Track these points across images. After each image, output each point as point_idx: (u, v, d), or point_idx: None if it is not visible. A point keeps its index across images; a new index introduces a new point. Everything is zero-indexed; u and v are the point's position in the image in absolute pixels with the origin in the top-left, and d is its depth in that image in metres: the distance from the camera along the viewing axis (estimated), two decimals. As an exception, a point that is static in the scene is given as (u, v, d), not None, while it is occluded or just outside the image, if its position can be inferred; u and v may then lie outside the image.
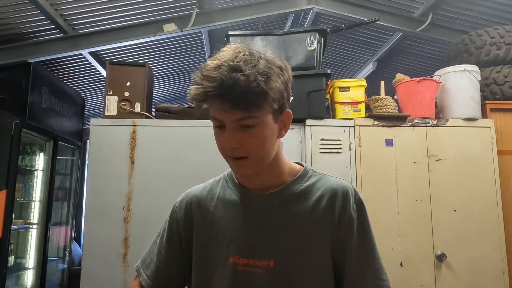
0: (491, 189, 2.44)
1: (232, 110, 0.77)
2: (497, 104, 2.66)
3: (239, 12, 3.36)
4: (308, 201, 0.88)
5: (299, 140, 2.41)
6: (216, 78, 0.75)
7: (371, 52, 4.35)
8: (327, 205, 0.86)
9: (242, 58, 0.77)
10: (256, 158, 0.82)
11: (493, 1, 3.14)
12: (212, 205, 0.93)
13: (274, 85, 0.78)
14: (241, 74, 0.74)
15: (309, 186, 0.90)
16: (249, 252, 0.85)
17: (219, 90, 0.75)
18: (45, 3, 2.87)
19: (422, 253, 2.33)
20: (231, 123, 0.79)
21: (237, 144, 0.79)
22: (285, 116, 0.86)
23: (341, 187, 0.89)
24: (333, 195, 0.87)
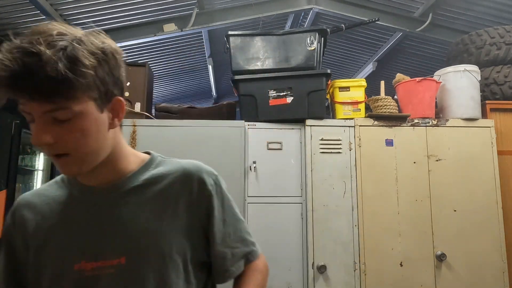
0: (491, 189, 2.44)
1: (35, 102, 0.66)
2: (497, 104, 2.65)
3: (239, 12, 3.37)
4: (157, 186, 0.82)
5: (299, 140, 2.42)
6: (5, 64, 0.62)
7: (371, 52, 4.35)
8: (181, 188, 0.82)
9: (46, 40, 0.64)
10: (79, 155, 0.72)
11: (493, 1, 3.15)
12: (46, 211, 0.82)
13: (86, 70, 0.66)
14: (36, 59, 0.62)
15: (157, 173, 0.84)
16: (97, 254, 0.76)
17: (9, 79, 0.63)
18: (45, 3, 2.88)
19: (422, 253, 2.33)
20: (40, 116, 0.68)
21: (50, 140, 0.68)
22: (116, 105, 0.76)
23: (195, 167, 0.87)
24: (186, 177, 0.84)
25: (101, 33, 0.75)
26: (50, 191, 0.86)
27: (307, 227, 2.28)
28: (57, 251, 0.78)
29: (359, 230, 2.32)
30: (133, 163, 0.84)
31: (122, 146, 0.83)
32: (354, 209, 2.34)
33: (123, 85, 0.79)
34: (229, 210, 0.89)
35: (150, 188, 0.82)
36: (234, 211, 0.91)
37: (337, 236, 2.30)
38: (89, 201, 0.80)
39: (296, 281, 2.25)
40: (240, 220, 0.92)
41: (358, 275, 2.27)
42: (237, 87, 2.48)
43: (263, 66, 2.50)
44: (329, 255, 2.27)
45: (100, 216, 0.79)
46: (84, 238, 0.77)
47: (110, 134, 0.77)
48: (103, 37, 0.75)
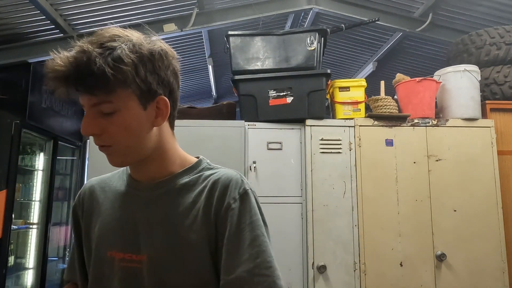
0: (491, 189, 2.44)
1: (84, 95, 0.73)
2: (497, 104, 2.65)
3: (239, 12, 3.37)
4: (191, 193, 0.82)
5: (299, 140, 2.42)
6: (63, 60, 0.70)
7: (371, 52, 4.35)
8: (206, 197, 0.80)
9: (99, 41, 0.72)
10: (121, 147, 0.77)
11: (493, 1, 3.14)
12: (101, 197, 0.89)
13: (125, 67, 0.71)
14: (84, 56, 0.69)
15: (196, 178, 0.84)
16: (128, 246, 0.80)
17: (63, 73, 0.70)
18: (45, 3, 2.87)
19: (422, 253, 2.33)
20: (90, 108, 0.74)
21: (96, 131, 0.75)
22: (160, 103, 0.79)
23: (225, 177, 0.82)
24: (214, 186, 0.81)
25: (158, 39, 0.81)
26: (111, 179, 0.92)
27: (307, 227, 2.28)
28: (98, 236, 0.84)
29: (359, 230, 2.32)
30: (177, 165, 0.86)
31: (169, 146, 0.85)
32: (354, 209, 2.34)
33: (172, 86, 0.82)
34: (253, 228, 0.77)
35: (184, 193, 0.82)
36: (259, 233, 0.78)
37: (337, 236, 2.30)
38: (132, 195, 0.85)
39: (296, 281, 2.25)
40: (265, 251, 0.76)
41: (358, 275, 2.27)
42: (237, 87, 2.48)
43: (263, 66, 2.50)
44: (329, 255, 2.27)
45: (136, 211, 0.83)
46: (119, 229, 0.82)
47: (154, 132, 0.80)
48: (157, 41, 0.80)
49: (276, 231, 2.28)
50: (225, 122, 2.37)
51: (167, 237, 0.78)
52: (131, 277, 0.78)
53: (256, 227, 0.78)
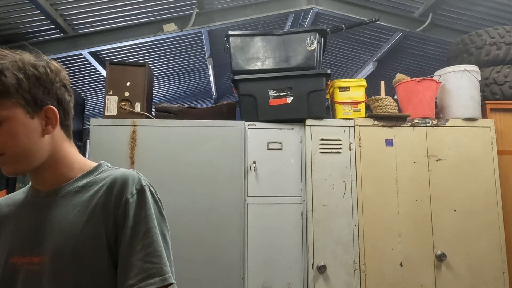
0: (491, 189, 2.44)
1: None
2: (497, 104, 2.65)
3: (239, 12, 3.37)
4: (88, 192, 0.86)
5: (299, 140, 2.42)
6: None
7: (371, 52, 4.35)
8: (104, 194, 0.85)
9: None
10: (11, 155, 0.81)
11: (493, 1, 3.15)
12: (7, 211, 0.92)
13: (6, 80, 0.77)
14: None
15: (94, 179, 0.89)
16: (27, 250, 0.84)
17: None
18: (45, 3, 2.88)
19: (422, 253, 2.33)
20: None
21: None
22: (49, 113, 0.84)
23: (123, 175, 0.87)
24: (112, 183, 0.86)
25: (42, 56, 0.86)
26: (16, 195, 0.96)
27: (307, 227, 2.28)
28: (4, 245, 0.87)
29: (359, 230, 2.32)
30: (76, 170, 0.90)
31: (65, 153, 0.90)
32: (354, 209, 2.34)
33: (60, 96, 0.87)
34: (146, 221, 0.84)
35: (82, 193, 0.87)
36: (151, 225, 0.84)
37: (337, 236, 2.30)
38: (33, 203, 0.89)
39: (296, 281, 2.25)
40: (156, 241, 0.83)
41: (358, 275, 2.27)
42: (237, 87, 2.48)
43: (263, 66, 2.50)
44: (329, 255, 2.27)
45: (35, 217, 0.87)
46: (21, 235, 0.86)
47: (46, 140, 0.85)
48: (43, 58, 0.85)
49: (276, 231, 2.28)
50: (225, 122, 2.37)
51: (64, 235, 0.83)
52: (33, 279, 0.82)
53: (150, 220, 0.84)
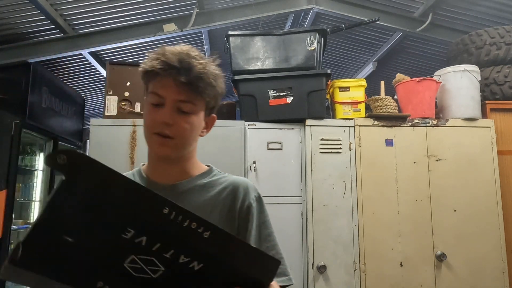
0: (491, 189, 2.44)
1: (179, 89, 0.84)
2: (497, 104, 2.65)
3: (239, 12, 3.37)
4: (209, 193, 0.93)
5: (299, 140, 2.41)
6: (176, 56, 0.83)
7: (371, 52, 4.35)
8: (229, 195, 0.93)
9: (198, 54, 0.87)
10: (179, 142, 0.88)
11: (493, 1, 3.14)
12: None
13: (218, 87, 0.89)
14: (198, 62, 0.85)
15: (213, 181, 0.96)
16: None
17: (177, 66, 0.83)
18: (45, 3, 2.88)
19: (422, 253, 2.33)
20: (172, 102, 0.86)
21: (171, 122, 0.85)
22: (211, 120, 0.96)
23: (243, 182, 0.97)
24: (235, 187, 0.94)
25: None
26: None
27: (307, 227, 2.28)
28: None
29: (359, 230, 2.32)
30: (196, 169, 0.97)
31: (195, 153, 0.98)
32: (354, 209, 2.34)
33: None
34: (267, 226, 0.95)
35: (203, 193, 0.93)
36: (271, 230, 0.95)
37: (337, 236, 2.30)
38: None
39: (296, 281, 2.25)
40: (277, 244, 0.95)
41: (358, 275, 2.27)
42: (237, 87, 2.48)
43: (263, 66, 2.50)
44: (329, 255, 2.27)
45: None
46: None
47: (197, 139, 0.94)
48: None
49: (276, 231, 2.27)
50: (225, 122, 2.37)
51: None
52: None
53: (269, 224, 0.95)
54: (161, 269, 0.61)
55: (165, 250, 0.61)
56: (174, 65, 0.83)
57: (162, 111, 0.85)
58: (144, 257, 0.60)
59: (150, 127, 0.87)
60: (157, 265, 0.61)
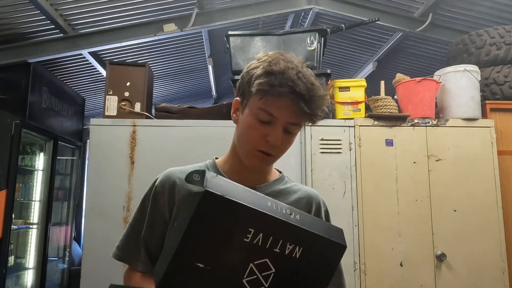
0: (491, 189, 2.44)
1: (295, 113, 0.84)
2: (497, 104, 2.66)
3: (239, 12, 3.37)
4: (287, 199, 0.97)
5: (299, 140, 2.41)
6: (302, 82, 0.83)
7: (371, 52, 4.35)
8: (305, 205, 0.99)
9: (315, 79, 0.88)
10: (277, 158, 0.92)
11: (493, 1, 3.14)
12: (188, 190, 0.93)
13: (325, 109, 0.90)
14: (319, 89, 0.86)
15: (287, 188, 1.01)
16: None
17: (304, 94, 0.82)
18: (45, 3, 2.87)
19: (422, 253, 2.33)
20: (284, 124, 0.86)
21: (280, 142, 0.87)
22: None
23: (316, 194, 1.04)
24: (310, 199, 1.01)
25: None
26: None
27: (307, 227, 2.28)
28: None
29: (359, 230, 2.32)
30: (271, 174, 1.01)
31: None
32: (354, 209, 2.34)
33: None
34: None
35: (281, 199, 0.94)
36: None
37: (337, 236, 2.29)
38: None
39: (296, 281, 2.25)
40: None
41: (358, 275, 2.27)
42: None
43: (263, 66, 2.49)
44: (329, 255, 2.27)
45: None
46: None
47: None
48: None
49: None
50: (225, 122, 2.37)
51: None
52: None
53: None
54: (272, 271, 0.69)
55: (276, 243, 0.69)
56: (301, 92, 0.82)
57: (271, 131, 0.85)
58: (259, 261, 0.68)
59: (254, 143, 0.88)
60: (270, 267, 0.69)
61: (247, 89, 0.89)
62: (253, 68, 0.89)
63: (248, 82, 0.88)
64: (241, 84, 0.92)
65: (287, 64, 0.85)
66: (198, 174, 0.67)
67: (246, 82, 0.89)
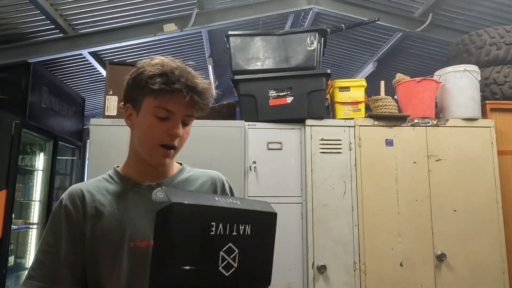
0: (491, 189, 2.44)
1: (188, 105, 0.92)
2: (497, 104, 2.65)
3: (239, 12, 3.37)
4: (193, 186, 1.05)
5: (299, 140, 2.42)
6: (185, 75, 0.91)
7: (371, 52, 4.35)
8: (210, 187, 1.08)
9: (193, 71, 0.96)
10: (178, 151, 0.99)
11: (493, 1, 3.15)
12: (102, 199, 0.97)
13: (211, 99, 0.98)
14: (205, 82, 0.95)
15: (191, 176, 1.08)
16: (149, 235, 0.90)
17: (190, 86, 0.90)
18: (45, 3, 2.88)
19: (422, 253, 2.33)
20: (181, 117, 0.94)
21: (180, 134, 0.94)
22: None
23: (217, 175, 1.12)
24: (214, 180, 1.09)
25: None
26: (102, 183, 1.02)
27: (307, 227, 2.28)
28: (114, 231, 0.94)
29: (359, 230, 2.32)
30: (172, 168, 1.06)
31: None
32: (354, 209, 2.34)
33: None
34: None
35: (188, 186, 1.05)
36: None
37: (337, 236, 2.30)
38: (140, 194, 0.99)
39: (296, 281, 2.25)
40: None
41: (358, 275, 2.27)
42: (237, 87, 2.48)
43: (263, 66, 2.50)
44: (329, 255, 2.27)
45: (143, 206, 0.97)
46: (137, 222, 0.95)
47: None
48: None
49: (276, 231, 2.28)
50: (225, 122, 2.37)
51: None
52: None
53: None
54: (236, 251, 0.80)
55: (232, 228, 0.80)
56: (193, 86, 0.91)
57: (171, 125, 0.93)
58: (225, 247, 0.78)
59: (156, 139, 0.93)
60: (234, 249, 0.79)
61: (137, 92, 0.94)
62: (140, 74, 0.93)
63: (138, 86, 0.93)
64: (129, 90, 0.97)
65: (173, 64, 0.93)
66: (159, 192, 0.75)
67: (135, 87, 0.94)
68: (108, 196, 0.98)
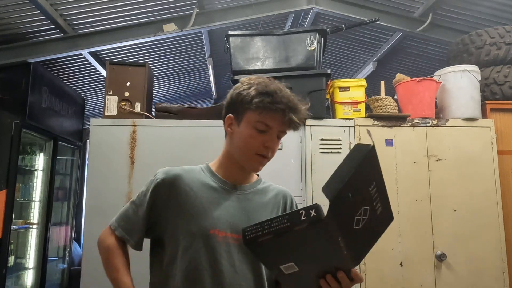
0: (491, 189, 2.44)
1: (285, 125, 1.08)
2: (497, 104, 2.66)
3: (239, 12, 3.37)
4: (267, 196, 1.19)
5: (299, 140, 2.41)
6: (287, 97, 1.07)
7: (371, 52, 4.35)
8: (281, 199, 1.21)
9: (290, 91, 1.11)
10: (269, 160, 1.13)
11: (493, 1, 3.14)
12: (193, 185, 1.11)
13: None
14: (303, 103, 1.11)
15: (266, 187, 1.22)
16: (227, 227, 1.07)
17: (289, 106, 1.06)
18: (45, 3, 2.87)
19: (422, 253, 2.33)
20: (277, 132, 1.09)
21: (276, 146, 1.11)
22: None
23: (287, 191, 1.26)
24: (284, 195, 1.23)
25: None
26: (195, 172, 1.16)
27: (307, 227, 2.28)
28: (198, 215, 1.07)
29: (359, 230, 2.31)
30: (252, 176, 1.21)
31: None
32: (354, 209, 2.33)
33: None
34: None
35: (263, 195, 1.18)
36: None
37: (337, 236, 2.30)
38: (227, 191, 1.13)
39: (296, 281, 2.25)
40: None
41: (358, 275, 2.26)
42: (237, 87, 2.47)
43: (263, 66, 2.50)
44: (329, 255, 2.27)
45: (234, 202, 1.12)
46: (220, 214, 1.08)
47: None
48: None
49: (276, 231, 2.27)
50: (225, 122, 2.37)
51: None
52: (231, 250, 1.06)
53: None
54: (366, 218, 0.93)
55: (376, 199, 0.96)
56: (293, 107, 1.06)
57: (267, 137, 1.08)
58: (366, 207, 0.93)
59: (254, 149, 1.08)
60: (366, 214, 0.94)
61: (240, 106, 1.08)
62: (244, 90, 1.08)
63: (242, 101, 1.07)
64: (232, 103, 1.11)
65: (276, 85, 1.08)
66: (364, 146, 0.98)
67: (239, 101, 1.08)
68: (198, 184, 1.12)
